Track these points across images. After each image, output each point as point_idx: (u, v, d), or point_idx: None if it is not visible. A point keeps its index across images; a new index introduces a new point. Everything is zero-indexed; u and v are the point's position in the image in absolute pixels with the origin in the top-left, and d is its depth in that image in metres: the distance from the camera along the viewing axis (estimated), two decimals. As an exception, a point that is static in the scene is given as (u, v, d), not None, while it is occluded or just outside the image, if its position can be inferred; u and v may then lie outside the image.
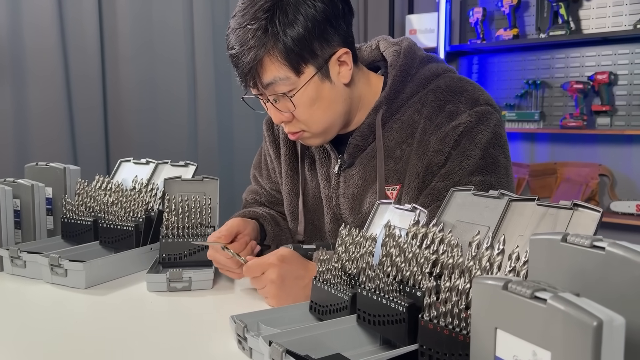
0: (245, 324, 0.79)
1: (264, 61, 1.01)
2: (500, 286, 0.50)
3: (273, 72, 1.02)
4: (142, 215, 1.26)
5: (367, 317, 0.77)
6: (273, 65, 1.01)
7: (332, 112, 1.09)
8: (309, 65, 1.03)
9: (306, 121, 1.08)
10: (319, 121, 1.09)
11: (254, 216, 1.29)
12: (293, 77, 1.03)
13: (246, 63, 1.02)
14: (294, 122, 1.09)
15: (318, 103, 1.06)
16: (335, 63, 1.06)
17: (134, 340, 0.88)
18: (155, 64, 2.85)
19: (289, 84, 1.03)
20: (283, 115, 1.08)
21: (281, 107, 1.07)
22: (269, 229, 1.29)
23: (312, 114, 1.07)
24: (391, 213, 0.94)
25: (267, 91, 1.05)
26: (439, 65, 1.15)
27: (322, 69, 1.04)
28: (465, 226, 0.84)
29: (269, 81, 1.03)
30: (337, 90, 1.08)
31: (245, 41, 1.01)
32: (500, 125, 1.09)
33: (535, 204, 0.76)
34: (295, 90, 1.04)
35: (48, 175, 1.42)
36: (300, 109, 1.06)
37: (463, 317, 0.63)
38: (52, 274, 1.14)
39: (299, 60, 1.01)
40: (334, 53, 1.05)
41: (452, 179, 1.05)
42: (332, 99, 1.08)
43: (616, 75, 2.95)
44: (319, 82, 1.05)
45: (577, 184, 3.14)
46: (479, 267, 0.65)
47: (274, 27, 0.99)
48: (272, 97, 1.06)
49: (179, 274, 1.08)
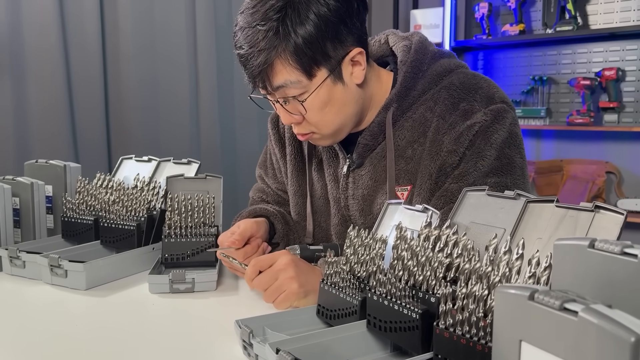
0: (250, 330, 0.76)
1: (274, 64, 0.97)
2: (526, 296, 0.47)
3: (284, 75, 0.98)
4: (144, 214, 1.23)
5: (377, 323, 0.74)
6: (284, 68, 0.97)
7: (343, 114, 1.06)
8: (322, 68, 0.99)
9: (317, 124, 1.05)
10: (330, 124, 1.05)
11: (264, 213, 1.26)
12: (305, 81, 0.99)
13: (256, 65, 0.97)
14: (304, 124, 1.06)
15: (330, 106, 1.03)
16: (348, 63, 1.02)
17: (135, 344, 0.85)
18: (157, 63, 2.82)
19: (300, 88, 0.99)
20: (293, 117, 1.05)
21: (291, 109, 1.04)
22: (279, 227, 1.26)
23: (323, 116, 1.04)
24: (401, 214, 0.91)
25: (277, 93, 1.02)
26: (451, 61, 1.11)
27: (334, 71, 1.00)
28: (480, 228, 0.80)
29: (280, 84, 0.99)
30: (349, 91, 1.04)
31: (255, 42, 0.96)
32: (516, 124, 1.05)
33: (555, 206, 0.73)
34: (307, 94, 1.00)
35: (48, 173, 1.39)
36: (311, 112, 1.03)
37: (482, 325, 0.60)
38: (51, 274, 1.11)
39: (311, 63, 0.97)
40: (348, 53, 1.01)
41: (466, 181, 1.02)
42: (344, 101, 1.04)
43: (624, 72, 2.91)
44: (331, 85, 1.01)
45: (584, 182, 3.10)
46: (497, 273, 0.62)
47: (286, 28, 0.95)
48: (282, 99, 1.03)
49: (182, 275, 1.05)
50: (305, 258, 1.08)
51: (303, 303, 0.94)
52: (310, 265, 1.01)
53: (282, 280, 0.95)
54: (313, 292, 0.94)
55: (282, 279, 0.95)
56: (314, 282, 0.95)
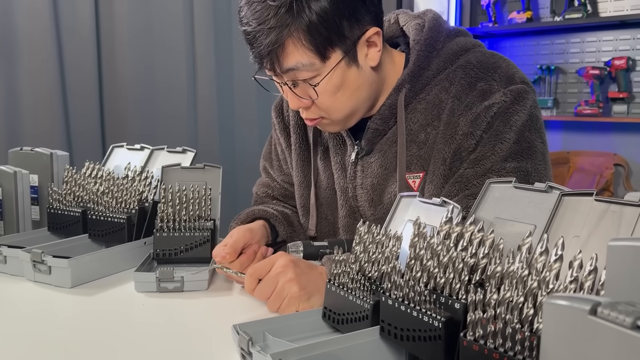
0: (249, 337, 0.68)
1: (285, 44, 0.88)
2: (586, 310, 0.38)
3: (296, 57, 0.90)
4: (135, 206, 1.15)
5: (392, 331, 0.66)
6: (296, 49, 0.89)
7: (356, 98, 0.97)
8: (336, 49, 0.91)
9: (327, 109, 0.97)
10: (342, 109, 0.97)
11: (263, 216, 1.16)
12: (318, 63, 0.90)
13: (265, 45, 0.89)
14: (313, 109, 0.98)
15: (342, 90, 0.95)
16: (363, 44, 0.94)
17: (122, 350, 0.77)
18: (153, 48, 2.71)
19: (312, 71, 0.91)
20: (302, 101, 0.96)
21: (300, 93, 0.95)
22: (281, 230, 1.17)
23: (334, 101, 0.95)
24: (416, 207, 0.83)
25: (286, 76, 0.93)
26: (467, 39, 1.03)
27: (349, 53, 0.92)
28: (505, 224, 0.72)
29: (290, 67, 0.91)
30: (363, 74, 0.96)
31: (265, 19, 0.87)
32: (537, 107, 0.97)
33: (593, 199, 0.64)
34: (319, 78, 0.92)
35: (33, 161, 1.30)
36: (322, 97, 0.94)
37: (518, 338, 0.51)
38: (34, 271, 1.02)
39: (325, 44, 0.89)
40: (364, 33, 0.93)
41: (483, 165, 0.94)
42: (357, 85, 0.96)
43: (634, 61, 2.82)
44: (345, 68, 0.93)
45: (591, 174, 3.02)
46: (536, 277, 0.54)
47: (300, 3, 0.86)
48: (290, 81, 0.94)
49: (170, 274, 0.97)
50: (308, 255, 1.00)
51: (307, 306, 0.86)
52: (312, 264, 0.92)
53: (282, 285, 0.87)
54: (317, 294, 0.86)
55: (281, 283, 0.87)
56: (317, 282, 0.87)
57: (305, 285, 0.87)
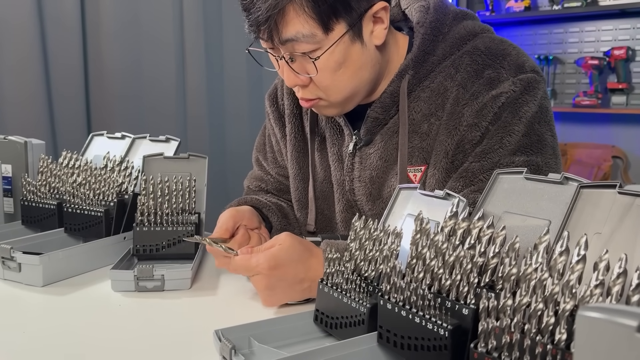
0: (232, 345, 0.61)
1: (286, 10, 0.81)
2: (633, 328, 0.32)
3: (296, 26, 0.82)
4: (113, 198, 1.07)
5: (392, 338, 0.59)
6: (297, 17, 0.81)
7: (358, 78, 0.90)
8: (341, 21, 0.83)
9: (326, 88, 0.89)
10: (342, 89, 0.90)
11: (255, 204, 1.09)
12: (320, 35, 0.83)
13: (263, 10, 0.81)
14: (311, 87, 0.90)
15: (344, 68, 0.87)
16: (369, 19, 0.87)
17: (90, 356, 0.70)
18: (141, 40, 2.62)
19: (313, 43, 0.84)
20: (299, 78, 0.89)
21: (298, 69, 0.88)
22: (275, 220, 1.09)
23: (334, 80, 0.88)
24: (416, 201, 0.76)
25: (284, 48, 0.85)
26: (475, 23, 0.96)
27: (354, 27, 0.85)
28: (516, 219, 0.65)
29: (290, 37, 0.83)
30: (367, 53, 0.89)
31: None
32: (547, 98, 0.91)
33: (617, 192, 0.58)
34: (320, 51, 0.84)
35: (6, 150, 1.22)
36: (322, 74, 0.87)
37: (539, 352, 0.45)
38: (3, 268, 0.95)
39: (329, 13, 0.82)
40: (371, 7, 0.86)
41: (490, 159, 0.87)
42: (360, 63, 0.89)
43: (634, 51, 2.76)
44: (348, 43, 0.86)
45: (589, 166, 2.97)
46: (557, 281, 0.47)
47: None
48: (288, 54, 0.87)
49: (149, 272, 0.89)
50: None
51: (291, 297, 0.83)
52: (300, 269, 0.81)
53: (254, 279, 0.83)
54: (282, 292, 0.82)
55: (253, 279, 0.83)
56: (293, 297, 0.83)
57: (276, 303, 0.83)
